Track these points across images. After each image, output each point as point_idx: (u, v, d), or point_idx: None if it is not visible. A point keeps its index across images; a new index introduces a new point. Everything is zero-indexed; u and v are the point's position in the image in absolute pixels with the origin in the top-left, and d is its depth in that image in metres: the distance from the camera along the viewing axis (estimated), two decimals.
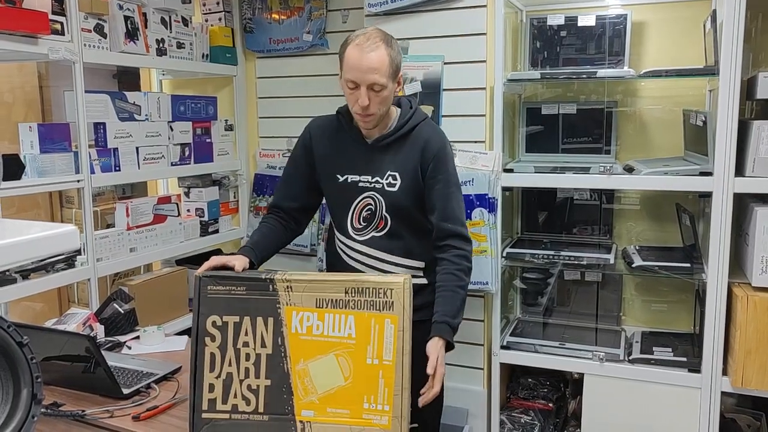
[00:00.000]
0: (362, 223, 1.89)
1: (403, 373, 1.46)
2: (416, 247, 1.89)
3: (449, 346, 1.69)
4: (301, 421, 1.48)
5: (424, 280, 1.87)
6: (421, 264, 1.90)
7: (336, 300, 1.51)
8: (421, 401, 1.57)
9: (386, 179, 1.84)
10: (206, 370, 1.52)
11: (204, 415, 1.50)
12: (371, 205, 1.87)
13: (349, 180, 1.89)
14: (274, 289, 1.54)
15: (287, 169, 1.99)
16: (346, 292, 1.51)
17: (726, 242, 2.12)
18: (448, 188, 1.83)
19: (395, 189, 1.84)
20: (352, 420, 1.47)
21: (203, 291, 1.56)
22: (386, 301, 1.49)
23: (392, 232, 1.86)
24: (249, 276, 1.60)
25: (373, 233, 1.88)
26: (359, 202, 1.88)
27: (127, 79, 3.66)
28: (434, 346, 1.63)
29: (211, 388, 1.52)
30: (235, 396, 1.51)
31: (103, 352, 1.69)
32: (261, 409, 1.50)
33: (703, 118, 2.22)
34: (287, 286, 1.53)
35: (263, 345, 1.53)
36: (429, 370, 1.57)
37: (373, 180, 1.86)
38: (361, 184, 1.87)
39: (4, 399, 0.90)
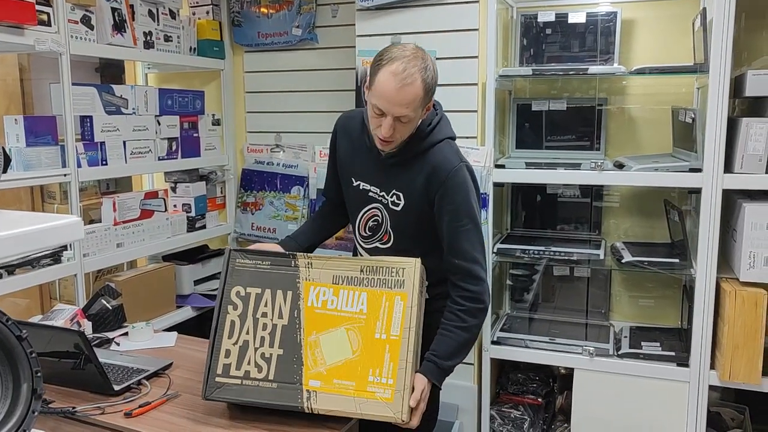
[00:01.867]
0: (368, 232, 1.87)
1: (409, 347, 1.54)
2: None
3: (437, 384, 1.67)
4: (307, 390, 1.53)
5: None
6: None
7: (351, 277, 1.61)
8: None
9: (391, 197, 1.78)
10: (225, 335, 1.60)
11: (218, 379, 1.56)
12: (377, 216, 1.83)
13: (360, 187, 1.85)
14: (295, 264, 1.65)
15: (328, 161, 1.99)
16: (362, 271, 1.62)
17: (715, 238, 2.15)
18: (456, 221, 1.70)
19: (398, 208, 1.78)
20: (357, 392, 1.51)
21: (231, 263, 1.66)
22: (398, 280, 1.59)
23: (396, 248, 1.81)
24: (274, 251, 1.72)
25: (378, 244, 1.85)
26: (367, 211, 1.85)
27: (110, 72, 3.60)
28: (420, 382, 1.59)
29: (227, 353, 1.58)
30: (249, 363, 1.57)
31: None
32: (271, 377, 1.55)
33: (692, 115, 2.24)
34: (308, 263, 1.64)
35: (280, 316, 1.61)
36: (412, 404, 1.53)
37: (381, 194, 1.81)
38: (371, 194, 1.83)
39: (4, 394, 0.89)
